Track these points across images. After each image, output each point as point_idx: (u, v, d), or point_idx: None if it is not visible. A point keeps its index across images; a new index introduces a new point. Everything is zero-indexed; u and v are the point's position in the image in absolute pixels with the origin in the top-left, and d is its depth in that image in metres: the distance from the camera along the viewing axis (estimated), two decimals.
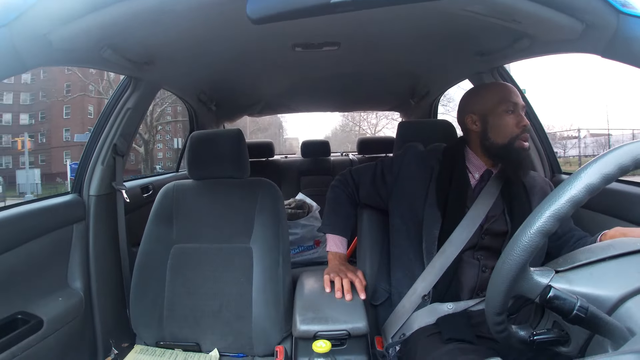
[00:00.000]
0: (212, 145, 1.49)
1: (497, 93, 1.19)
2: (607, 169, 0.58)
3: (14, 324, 1.16)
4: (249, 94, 2.53)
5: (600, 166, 0.58)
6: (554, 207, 0.59)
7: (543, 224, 0.59)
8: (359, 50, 1.63)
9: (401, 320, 1.17)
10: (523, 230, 0.61)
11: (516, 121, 1.15)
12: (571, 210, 0.59)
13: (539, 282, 0.64)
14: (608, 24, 0.88)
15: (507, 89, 1.20)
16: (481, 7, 0.94)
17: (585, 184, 0.58)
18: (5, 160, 16.89)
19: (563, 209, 0.59)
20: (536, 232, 0.60)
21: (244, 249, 1.40)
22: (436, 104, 2.74)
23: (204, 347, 1.36)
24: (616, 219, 1.24)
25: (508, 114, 1.15)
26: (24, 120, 18.66)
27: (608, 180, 0.58)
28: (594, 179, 0.58)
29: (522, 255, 0.61)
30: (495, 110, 1.17)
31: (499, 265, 0.65)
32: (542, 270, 0.65)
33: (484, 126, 1.19)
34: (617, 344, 0.57)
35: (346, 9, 0.79)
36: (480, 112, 1.20)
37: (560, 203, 0.59)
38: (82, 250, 1.47)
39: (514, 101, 1.16)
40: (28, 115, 18.07)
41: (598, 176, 0.58)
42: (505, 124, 1.15)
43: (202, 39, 1.36)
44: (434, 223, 1.17)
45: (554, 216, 0.59)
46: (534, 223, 0.60)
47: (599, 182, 0.58)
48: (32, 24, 0.86)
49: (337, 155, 3.72)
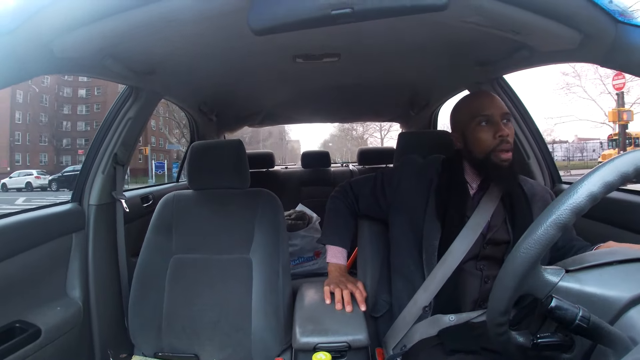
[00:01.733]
0: (213, 156, 1.49)
1: (469, 107, 1.19)
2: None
3: (11, 333, 1.15)
4: (250, 104, 2.54)
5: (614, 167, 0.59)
6: (571, 200, 0.59)
7: (559, 217, 0.59)
8: (359, 62, 1.64)
9: (402, 331, 1.15)
10: (537, 223, 0.61)
11: (492, 132, 1.13)
12: (589, 204, 0.59)
13: (549, 281, 0.63)
14: (606, 34, 0.88)
15: (480, 101, 1.18)
16: (480, 19, 0.95)
17: (602, 180, 0.58)
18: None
19: (581, 202, 0.59)
20: (551, 224, 0.59)
21: (243, 260, 1.40)
22: (436, 115, 2.76)
23: (202, 359, 1.34)
24: (617, 228, 1.24)
25: (482, 126, 1.14)
26: (80, 127, 24.98)
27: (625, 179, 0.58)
28: (596, 188, 0.58)
29: (536, 249, 0.60)
30: (470, 125, 1.16)
31: (509, 260, 0.64)
32: (553, 268, 0.65)
33: (464, 142, 1.19)
34: (619, 354, 0.57)
35: (346, 20, 0.80)
36: (459, 130, 1.21)
37: (578, 197, 0.59)
38: (81, 259, 1.46)
39: (486, 113, 1.14)
40: (84, 123, 20.82)
41: (615, 174, 0.58)
42: (480, 137, 1.14)
43: (203, 50, 1.37)
44: (433, 234, 1.17)
45: (571, 209, 0.59)
46: (549, 216, 0.60)
47: (601, 190, 0.58)
48: (35, 33, 0.86)
49: (338, 166, 3.73)
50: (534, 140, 1.68)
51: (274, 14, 0.80)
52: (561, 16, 0.90)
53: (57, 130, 25.04)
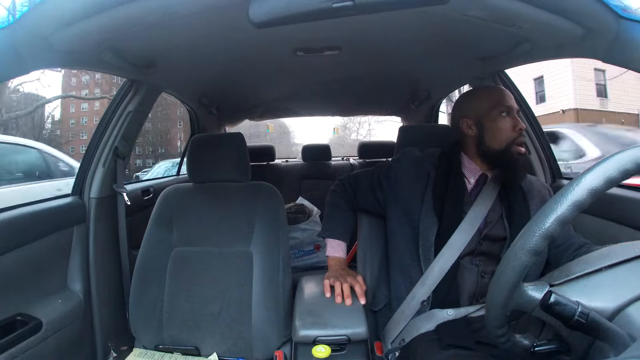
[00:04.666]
0: (213, 149, 1.49)
1: (491, 96, 1.18)
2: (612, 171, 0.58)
3: (13, 326, 1.16)
4: (251, 97, 2.54)
5: (604, 169, 0.58)
6: (542, 226, 0.59)
7: (534, 244, 0.60)
8: (360, 55, 1.63)
9: (400, 325, 1.16)
10: (512, 250, 0.62)
11: (512, 124, 1.14)
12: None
13: (533, 297, 0.64)
14: (608, 29, 0.88)
15: (502, 92, 1.19)
16: (482, 12, 0.94)
17: (588, 187, 0.58)
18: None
19: (551, 227, 0.59)
20: (527, 251, 0.60)
21: (244, 253, 1.40)
22: (437, 109, 2.75)
23: (203, 351, 1.35)
24: (616, 224, 1.24)
25: (503, 117, 1.15)
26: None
27: (612, 183, 0.58)
28: (597, 183, 0.58)
29: (512, 275, 0.61)
30: (490, 113, 1.16)
31: (493, 282, 0.65)
32: (536, 285, 0.65)
33: (479, 130, 1.18)
34: (618, 350, 0.57)
35: (347, 13, 0.80)
36: (475, 116, 1.19)
37: (548, 221, 0.59)
38: (82, 252, 1.47)
39: (508, 104, 1.15)
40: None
41: (602, 179, 0.58)
42: (500, 127, 1.14)
43: (204, 43, 1.37)
44: (430, 228, 1.16)
45: (542, 236, 0.59)
46: (525, 242, 0.60)
47: (602, 185, 0.58)
48: (34, 27, 0.86)
49: (338, 160, 3.72)
50: (535, 135, 1.68)
51: (274, 7, 0.79)
52: (563, 10, 0.90)
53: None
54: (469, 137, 1.21)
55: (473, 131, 1.20)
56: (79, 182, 1.55)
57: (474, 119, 1.19)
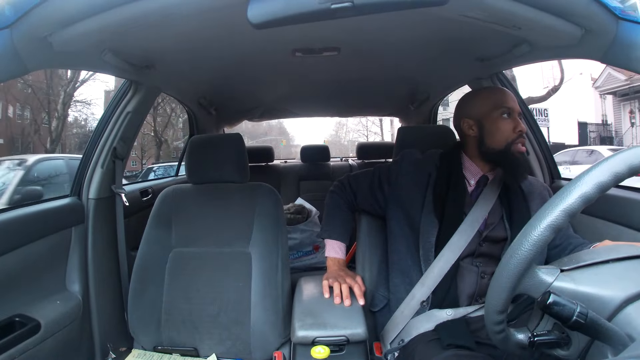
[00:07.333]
0: (212, 150, 1.49)
1: (492, 97, 1.19)
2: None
3: (11, 327, 1.15)
4: (249, 98, 2.53)
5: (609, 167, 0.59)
6: (564, 204, 0.60)
7: (554, 219, 0.60)
8: (358, 56, 1.63)
9: (400, 326, 1.16)
10: (532, 224, 0.62)
11: (512, 126, 1.14)
12: (582, 205, 0.59)
13: (543, 280, 0.64)
14: (607, 30, 0.88)
15: (503, 93, 1.19)
16: (481, 13, 0.94)
17: (596, 182, 0.59)
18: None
19: (574, 204, 0.59)
20: (546, 227, 0.60)
21: (242, 254, 1.40)
22: (436, 110, 2.75)
23: (201, 352, 1.35)
24: (617, 225, 1.24)
25: (504, 118, 1.15)
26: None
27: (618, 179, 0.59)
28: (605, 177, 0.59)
29: (530, 250, 0.61)
30: (491, 114, 1.16)
31: (504, 261, 0.64)
32: (548, 268, 0.65)
33: (480, 131, 1.19)
34: (617, 350, 0.57)
35: (346, 14, 0.80)
36: (475, 117, 1.20)
37: (571, 199, 0.59)
38: (80, 253, 1.46)
39: (509, 106, 1.16)
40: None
41: (609, 174, 0.59)
42: (501, 128, 1.15)
43: (203, 44, 1.37)
44: (430, 229, 1.17)
45: (565, 212, 0.60)
46: (544, 217, 0.60)
47: (610, 180, 0.59)
48: (33, 27, 0.86)
49: (337, 160, 3.72)
50: (534, 137, 1.68)
51: (273, 8, 0.79)
52: (562, 11, 0.90)
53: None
54: (470, 137, 1.22)
55: (474, 132, 1.20)
56: (78, 183, 1.54)
57: (475, 120, 1.20)
